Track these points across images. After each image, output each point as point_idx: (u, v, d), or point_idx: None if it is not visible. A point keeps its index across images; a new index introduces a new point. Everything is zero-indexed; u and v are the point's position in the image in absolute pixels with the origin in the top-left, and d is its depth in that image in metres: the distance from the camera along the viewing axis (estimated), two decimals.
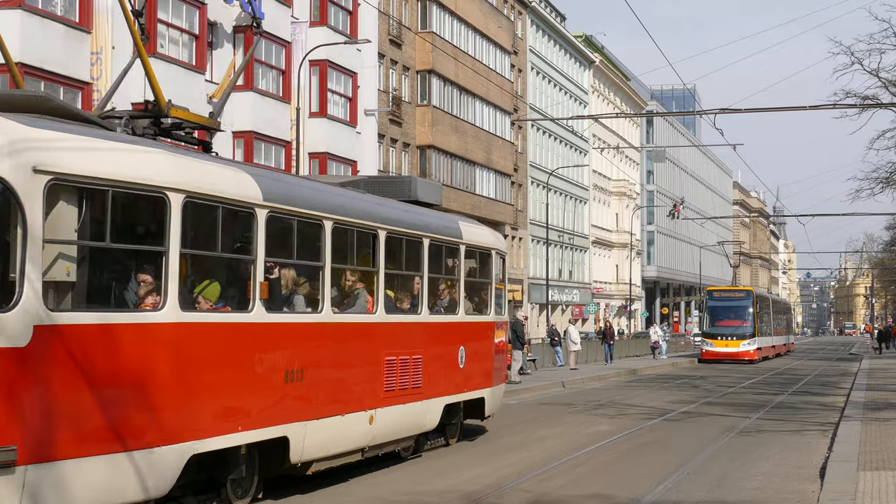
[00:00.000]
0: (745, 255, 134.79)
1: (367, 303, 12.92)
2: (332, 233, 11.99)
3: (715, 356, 49.81)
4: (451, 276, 15.75)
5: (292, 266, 11.58)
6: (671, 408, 23.47)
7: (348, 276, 12.75)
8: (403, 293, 14.19)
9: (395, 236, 13.69)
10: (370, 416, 12.81)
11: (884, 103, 31.26)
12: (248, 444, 10.57)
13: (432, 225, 14.95)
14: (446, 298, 15.52)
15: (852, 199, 43.24)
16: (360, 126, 41.30)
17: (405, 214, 14.27)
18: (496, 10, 59.30)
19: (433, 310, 14.97)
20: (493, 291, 17.08)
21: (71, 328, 8.52)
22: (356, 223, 12.73)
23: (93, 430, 8.65)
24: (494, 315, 17.19)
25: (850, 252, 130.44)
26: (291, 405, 11.13)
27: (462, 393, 15.85)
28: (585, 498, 11.79)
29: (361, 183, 14.98)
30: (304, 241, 11.79)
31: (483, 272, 17.00)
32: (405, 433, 14.06)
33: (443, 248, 15.27)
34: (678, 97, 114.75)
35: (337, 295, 12.39)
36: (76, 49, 26.66)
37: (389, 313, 13.47)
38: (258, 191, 10.70)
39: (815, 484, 12.48)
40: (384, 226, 13.34)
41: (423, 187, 15.81)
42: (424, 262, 14.49)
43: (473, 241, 16.37)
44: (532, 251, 67.08)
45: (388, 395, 13.24)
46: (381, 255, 13.24)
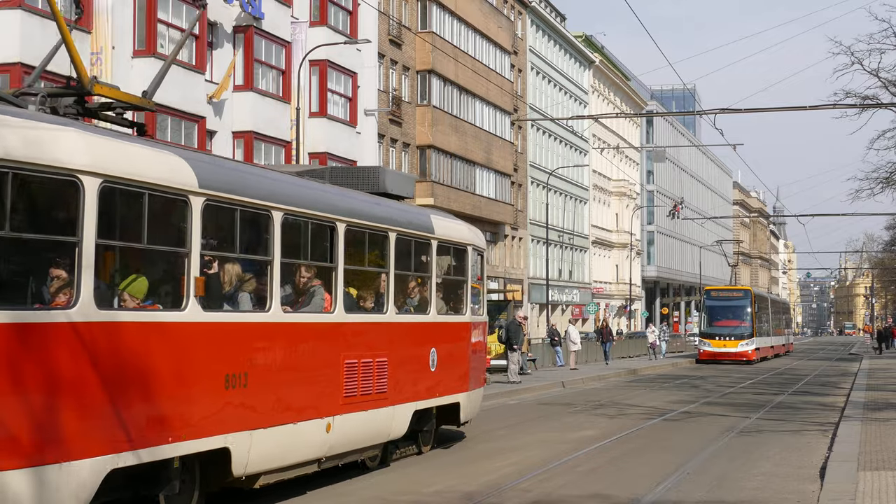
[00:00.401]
0: (745, 255, 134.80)
1: (323, 301, 11.89)
2: (282, 225, 10.97)
3: (713, 356, 49.31)
4: (422, 273, 14.71)
5: (235, 261, 10.59)
6: (671, 408, 23.47)
7: (303, 272, 11.73)
8: (367, 291, 13.21)
9: (356, 229, 12.67)
10: (327, 423, 11.82)
11: (884, 103, 31.25)
12: (183, 457, 9.61)
13: (400, 218, 13.87)
14: (416, 297, 14.55)
15: (852, 199, 43.26)
16: (360, 126, 41.30)
17: (368, 206, 13.26)
18: (496, 10, 59.30)
19: (402, 309, 14.02)
20: (470, 290, 16.08)
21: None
22: (311, 214, 11.68)
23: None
24: (471, 315, 16.18)
25: (850, 252, 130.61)
26: (233, 413, 10.14)
27: (434, 398, 14.90)
28: (585, 498, 11.79)
29: (326, 173, 14.12)
30: (249, 234, 10.94)
31: (458, 269, 15.98)
32: (368, 442, 13.07)
33: (412, 243, 14.24)
34: (678, 97, 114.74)
35: (291, 293, 11.53)
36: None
37: (350, 313, 12.48)
38: (193, 176, 9.65)
39: (815, 484, 12.47)
40: (343, 218, 12.25)
41: (392, 178, 14.82)
42: (390, 257, 13.49)
43: (446, 236, 15.34)
44: (532, 251, 67.08)
45: (347, 401, 12.25)
46: (340, 249, 12.20)
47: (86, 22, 27.07)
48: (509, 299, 43.16)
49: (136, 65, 28.96)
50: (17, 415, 7.88)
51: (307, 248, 11.94)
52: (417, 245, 14.45)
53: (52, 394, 8.13)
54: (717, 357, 49.16)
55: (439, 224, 15.24)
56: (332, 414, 11.91)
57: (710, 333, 50.27)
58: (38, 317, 8.14)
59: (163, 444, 9.17)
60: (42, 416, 8.04)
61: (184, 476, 9.80)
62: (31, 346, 8.03)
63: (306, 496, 11.92)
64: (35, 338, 8.06)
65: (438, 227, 15.09)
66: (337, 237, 12.15)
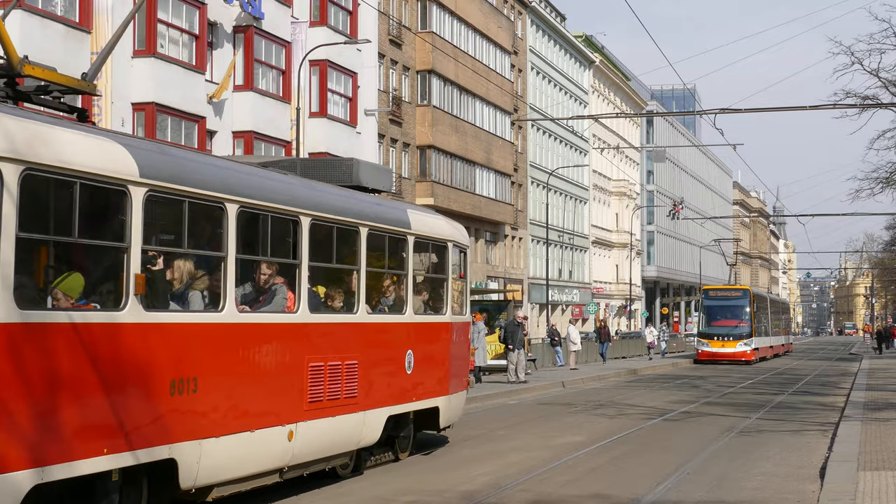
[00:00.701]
0: (745, 255, 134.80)
1: (286, 300, 11.13)
2: (237, 218, 10.18)
3: (711, 357, 48.86)
4: (398, 271, 13.95)
5: (184, 256, 9.76)
6: (671, 408, 23.46)
7: (263, 269, 10.95)
8: (335, 290, 12.34)
9: (322, 224, 11.80)
10: (289, 431, 11.04)
11: (884, 103, 31.24)
12: (126, 469, 8.87)
13: (372, 212, 13.06)
14: (391, 296, 13.79)
15: (852, 199, 43.24)
16: (360, 126, 41.31)
17: (337, 199, 12.41)
18: (496, 10, 59.31)
19: (376, 309, 13.34)
20: (450, 288, 15.26)
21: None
22: (271, 207, 10.84)
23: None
24: (451, 315, 15.31)
25: (850, 252, 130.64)
26: (181, 421, 9.35)
27: (411, 402, 14.10)
28: (585, 498, 11.79)
29: (297, 165, 13.38)
30: (200, 228, 10.12)
31: (438, 267, 15.17)
32: (337, 449, 12.27)
33: (386, 239, 13.43)
34: (678, 97, 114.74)
35: (251, 291, 10.87)
36: (76, 49, 26.66)
37: (315, 312, 11.69)
38: (133, 165, 8.87)
39: (815, 484, 12.47)
40: (308, 211, 11.44)
41: (367, 171, 14.05)
42: (361, 253, 12.65)
43: (425, 232, 14.47)
44: (532, 251, 67.09)
45: (312, 407, 11.45)
46: (305, 245, 11.39)
47: (86, 22, 27.07)
48: (509, 299, 43.22)
49: (136, 65, 28.97)
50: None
51: (267, 243, 11.11)
52: (392, 241, 13.67)
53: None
54: (715, 357, 48.75)
55: (417, 219, 14.39)
56: (294, 420, 11.15)
57: (709, 333, 49.80)
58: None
59: (97, 455, 8.40)
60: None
61: (128, 490, 9.11)
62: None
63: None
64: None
65: (416, 223, 14.25)
66: (301, 232, 11.36)
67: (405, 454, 14.68)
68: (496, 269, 60.67)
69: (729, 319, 49.59)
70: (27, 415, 7.81)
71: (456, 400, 15.67)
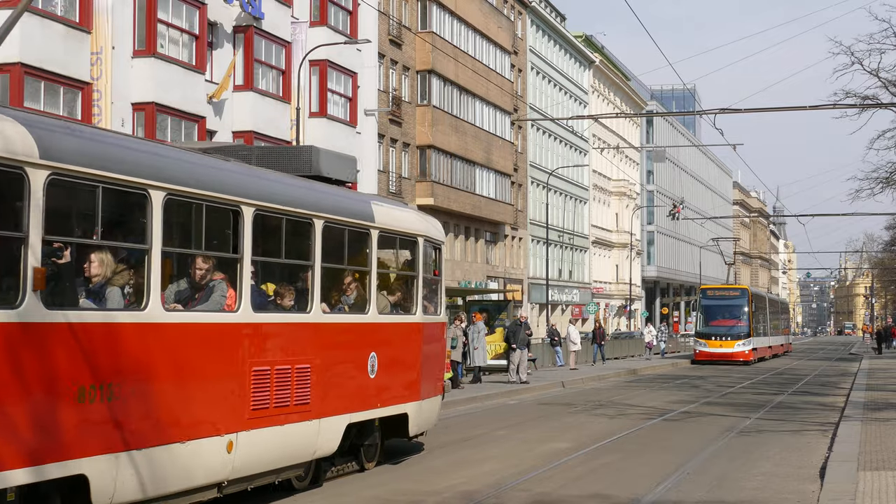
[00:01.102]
0: (745, 255, 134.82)
1: (225, 298, 10.17)
2: (164, 207, 9.18)
3: (709, 357, 48.34)
4: (359, 267, 12.92)
5: (99, 248, 8.76)
6: (671, 408, 23.47)
7: (199, 263, 9.97)
8: (286, 287, 11.40)
9: (268, 215, 10.86)
10: (228, 441, 10.07)
11: (884, 103, 31.25)
12: (22, 488, 7.92)
13: (328, 203, 12.03)
14: (353, 294, 12.79)
15: (852, 199, 43.20)
16: (360, 126, 41.32)
17: (287, 189, 11.41)
18: (496, 10, 59.32)
19: (335, 308, 12.37)
20: (421, 287, 14.21)
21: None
22: (206, 196, 9.85)
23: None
24: (423, 315, 14.27)
25: (850, 252, 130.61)
26: (93, 432, 8.37)
27: (375, 409, 13.08)
28: (585, 498, 11.79)
29: (253, 153, 12.50)
30: (118, 217, 9.26)
31: (406, 263, 14.32)
32: (287, 461, 11.28)
33: (345, 233, 12.40)
34: (678, 97, 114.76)
35: (186, 288, 9.95)
36: (76, 49, 26.66)
37: (260, 311, 10.74)
38: (32, 145, 7.97)
39: (815, 484, 12.48)
40: (251, 201, 10.49)
41: (328, 160, 12.99)
42: (316, 248, 11.62)
43: (391, 226, 13.47)
44: (532, 251, 67.10)
45: (256, 415, 10.50)
46: (247, 237, 10.43)
47: (86, 22, 27.07)
48: (509, 299, 43.23)
49: (137, 65, 28.96)
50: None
51: (202, 235, 10.10)
52: (353, 235, 12.63)
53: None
54: (713, 357, 48.23)
55: (382, 212, 13.35)
56: (235, 430, 10.17)
57: (707, 333, 49.28)
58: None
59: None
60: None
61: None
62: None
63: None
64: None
65: (380, 215, 13.21)
66: (242, 224, 10.37)
67: (371, 464, 13.71)
68: (496, 269, 60.68)
69: (727, 319, 49.07)
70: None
71: (428, 405, 14.66)
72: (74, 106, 26.60)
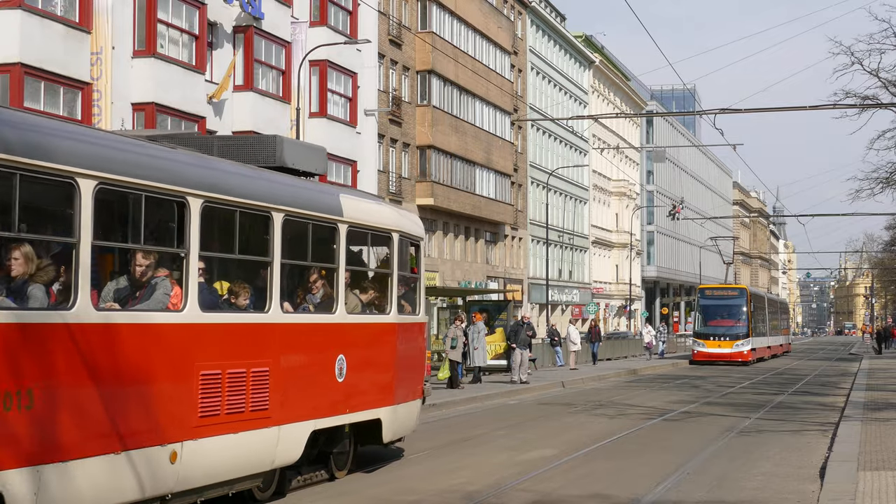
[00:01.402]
0: (745, 255, 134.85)
1: (169, 297, 9.43)
2: (95, 197, 8.41)
3: (707, 357, 47.75)
4: (326, 264, 12.10)
5: (16, 242, 8.06)
6: (671, 408, 23.47)
7: (139, 259, 9.23)
8: (241, 285, 10.63)
9: (220, 207, 10.08)
10: (171, 451, 9.28)
11: (884, 103, 31.24)
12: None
13: (289, 196, 11.25)
14: (319, 293, 11.98)
15: (852, 199, 43.15)
16: (360, 126, 41.32)
17: (241, 179, 10.63)
18: (496, 10, 59.33)
19: (299, 307, 11.64)
20: (396, 285, 13.42)
21: None
22: (145, 186, 9.06)
23: None
24: (398, 315, 13.46)
25: (850, 252, 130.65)
26: (7, 445, 7.66)
27: (344, 414, 12.24)
28: (585, 498, 11.79)
29: (214, 143, 11.73)
30: (41, 209, 8.67)
31: (380, 260, 13.63)
32: (242, 471, 10.48)
33: (309, 227, 11.60)
34: (678, 97, 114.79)
35: (126, 285, 9.24)
36: (76, 49, 26.66)
37: (210, 311, 9.97)
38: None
39: (815, 484, 12.47)
40: (199, 192, 9.70)
41: (294, 151, 12.17)
42: (275, 243, 10.85)
43: (362, 220, 12.65)
44: (532, 251, 67.11)
45: (205, 423, 9.73)
46: (194, 231, 9.63)
47: (86, 22, 27.08)
48: (509, 299, 43.23)
49: (136, 65, 28.97)
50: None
51: (142, 228, 9.27)
52: (318, 229, 11.82)
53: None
54: (711, 358, 47.67)
55: (351, 205, 12.53)
56: (180, 439, 9.39)
57: (705, 333, 48.70)
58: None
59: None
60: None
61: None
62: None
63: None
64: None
65: (350, 209, 12.37)
66: (189, 217, 9.58)
67: (342, 472, 12.93)
68: (496, 269, 60.69)
69: (725, 319, 48.53)
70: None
71: (405, 410, 13.85)
72: (74, 106, 26.60)
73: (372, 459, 14.29)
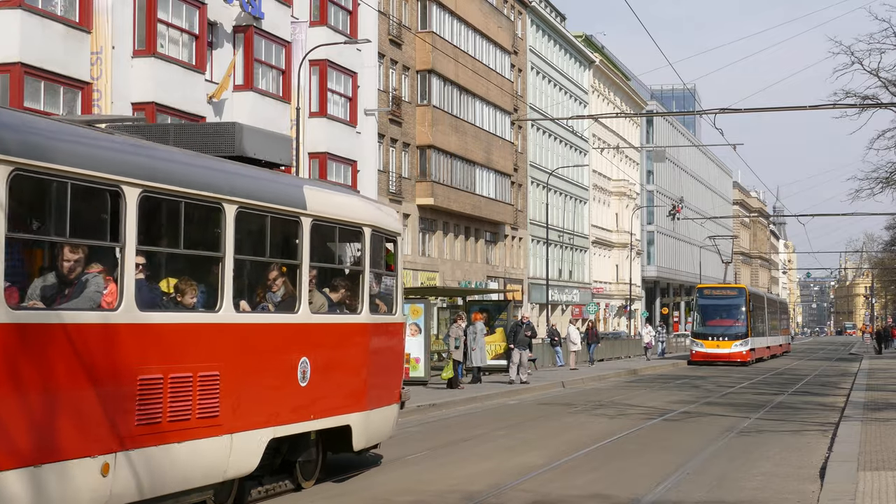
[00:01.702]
0: (745, 255, 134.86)
1: (101, 294, 8.70)
2: (9, 185, 7.74)
3: (705, 357, 47.25)
4: (287, 260, 11.31)
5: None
6: (671, 408, 23.47)
7: (66, 254, 8.45)
8: (187, 282, 9.80)
9: (161, 197, 9.31)
10: (103, 463, 8.49)
11: (884, 103, 31.27)
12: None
13: (244, 186, 10.45)
14: (279, 291, 11.17)
15: (852, 199, 43.24)
16: (360, 126, 41.33)
17: (185, 168, 9.79)
18: (496, 10, 59.34)
19: (258, 306, 10.86)
20: (368, 283, 12.58)
21: None
22: (71, 173, 8.29)
23: None
24: (370, 314, 12.61)
25: (850, 252, 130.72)
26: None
27: (308, 421, 11.41)
28: (585, 498, 11.79)
29: (171, 131, 11.11)
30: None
31: (351, 257, 12.92)
32: (187, 483, 9.60)
33: (267, 220, 10.80)
34: (678, 97, 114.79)
35: (54, 282, 8.52)
36: (76, 49, 26.66)
37: (150, 310, 9.15)
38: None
39: (815, 484, 12.47)
40: (135, 180, 8.88)
41: (254, 139, 11.39)
42: (227, 237, 10.06)
43: (329, 214, 11.85)
44: (532, 251, 67.11)
45: (144, 431, 8.91)
46: (130, 223, 8.81)
47: (86, 22, 27.08)
48: (509, 299, 43.23)
49: (136, 65, 28.96)
50: None
51: (67, 220, 8.44)
52: (278, 223, 11.06)
53: None
54: (710, 358, 47.17)
55: (316, 198, 11.69)
56: (113, 450, 8.58)
57: (703, 333, 48.17)
58: None
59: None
60: None
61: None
62: None
63: (302, 493, 11.84)
64: None
65: (315, 202, 11.56)
66: (124, 207, 8.77)
67: (309, 482, 12.09)
68: (496, 269, 60.69)
69: (724, 319, 47.95)
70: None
71: (379, 416, 12.97)
72: (74, 106, 26.60)
73: (347, 466, 13.50)
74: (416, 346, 27.48)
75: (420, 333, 27.46)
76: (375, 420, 12.87)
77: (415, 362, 27.52)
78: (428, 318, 28.00)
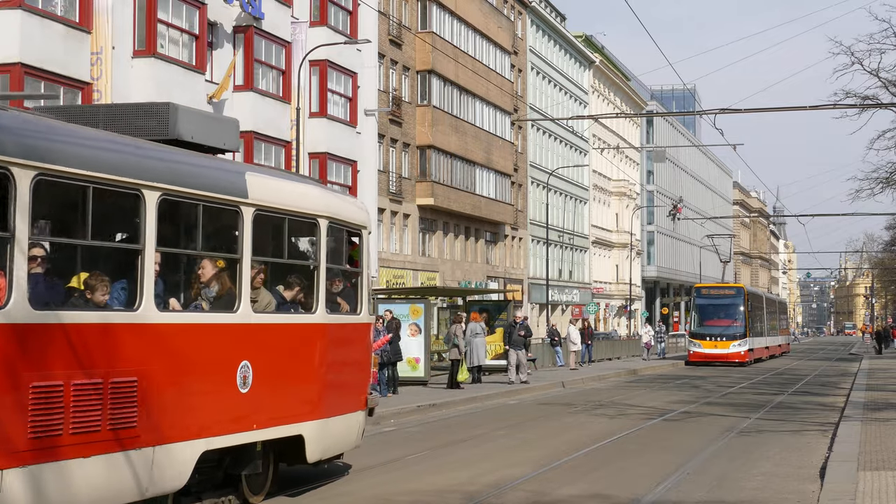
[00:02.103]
0: (745, 255, 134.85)
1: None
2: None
3: (703, 358, 46.73)
4: (224, 255, 10.30)
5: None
6: (671, 408, 23.48)
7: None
8: (98, 278, 8.69)
9: (62, 182, 8.24)
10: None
11: (884, 103, 31.26)
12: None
13: (168, 171, 9.34)
14: (215, 287, 10.09)
15: (852, 200, 43.22)
16: (360, 126, 41.32)
17: (92, 150, 8.67)
18: (496, 10, 59.34)
19: (190, 305, 9.88)
20: (324, 280, 11.51)
21: None
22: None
23: None
24: (326, 314, 11.54)
25: (850, 252, 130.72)
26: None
27: (250, 430, 10.36)
28: (585, 498, 11.79)
29: (100, 113, 10.22)
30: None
31: (303, 251, 11.89)
32: (100, 501, 8.56)
33: (198, 210, 9.71)
34: (678, 97, 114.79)
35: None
36: (76, 49, 26.66)
37: (47, 308, 8.13)
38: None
39: (815, 484, 12.48)
40: (27, 162, 7.82)
41: (191, 121, 10.35)
42: (147, 228, 9.01)
43: (275, 203, 10.79)
44: (532, 251, 67.12)
45: (38, 446, 7.87)
46: (21, 211, 7.79)
47: (86, 22, 27.08)
48: (509, 299, 43.25)
49: (136, 65, 28.96)
50: None
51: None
52: (213, 212, 9.99)
53: None
54: (707, 358, 46.66)
55: (261, 185, 10.62)
56: (1, 467, 7.60)
57: (701, 334, 47.56)
58: None
59: None
60: None
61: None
62: None
63: (302, 496, 11.83)
64: None
65: (258, 190, 10.49)
66: (14, 193, 7.77)
67: (259, 496, 11.12)
68: (496, 269, 60.70)
69: (722, 319, 47.39)
70: None
71: (339, 424, 11.87)
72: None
73: (313, 478, 12.63)
74: (416, 346, 27.52)
75: (420, 333, 27.49)
76: (334, 429, 11.77)
77: (415, 362, 27.55)
78: (428, 318, 28.03)
